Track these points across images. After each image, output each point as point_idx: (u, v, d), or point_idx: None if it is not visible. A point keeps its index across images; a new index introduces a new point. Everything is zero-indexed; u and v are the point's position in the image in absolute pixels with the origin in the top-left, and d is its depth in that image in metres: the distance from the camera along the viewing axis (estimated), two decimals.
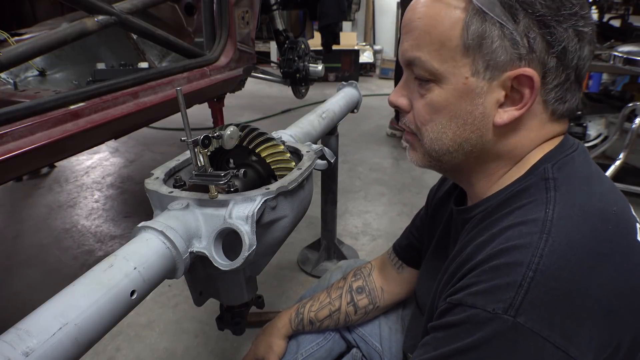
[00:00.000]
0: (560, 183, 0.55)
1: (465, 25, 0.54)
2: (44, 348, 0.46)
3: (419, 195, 2.53)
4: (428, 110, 0.60)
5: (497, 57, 0.55)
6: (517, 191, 0.59)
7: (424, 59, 0.58)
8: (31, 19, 2.24)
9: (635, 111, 2.27)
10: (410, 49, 0.59)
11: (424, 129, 0.62)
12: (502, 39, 0.54)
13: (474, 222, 0.62)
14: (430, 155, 0.63)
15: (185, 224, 0.65)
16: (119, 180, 2.74)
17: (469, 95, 0.57)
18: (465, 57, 0.56)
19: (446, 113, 0.59)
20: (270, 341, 0.98)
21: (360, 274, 1.00)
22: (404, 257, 0.96)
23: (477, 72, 0.56)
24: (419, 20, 0.57)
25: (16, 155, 0.95)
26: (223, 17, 1.76)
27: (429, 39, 0.57)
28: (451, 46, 0.56)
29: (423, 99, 0.60)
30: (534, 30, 0.54)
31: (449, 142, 0.61)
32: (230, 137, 0.73)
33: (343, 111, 1.44)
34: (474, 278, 0.52)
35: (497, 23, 0.54)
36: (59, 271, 1.89)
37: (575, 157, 0.60)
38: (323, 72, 2.44)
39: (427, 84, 0.59)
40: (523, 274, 0.48)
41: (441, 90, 0.58)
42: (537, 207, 0.54)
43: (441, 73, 0.57)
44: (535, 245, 0.49)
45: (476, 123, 0.58)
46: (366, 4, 5.76)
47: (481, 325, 0.49)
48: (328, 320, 0.97)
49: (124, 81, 1.29)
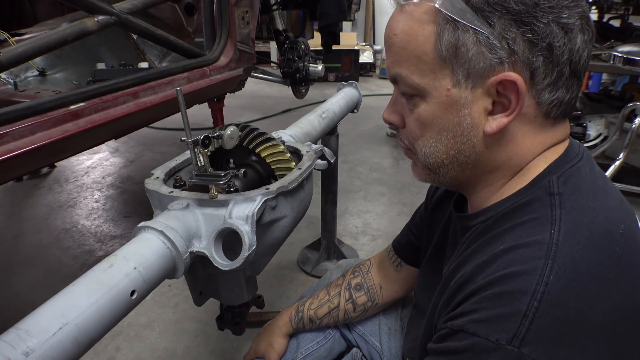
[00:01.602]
0: (565, 199, 0.53)
1: (437, 37, 0.53)
2: (44, 348, 0.46)
3: (419, 195, 2.53)
4: (417, 126, 0.60)
5: (475, 64, 0.52)
6: (520, 204, 0.56)
7: (404, 74, 0.57)
8: (31, 19, 2.24)
9: (635, 111, 2.27)
10: (392, 66, 0.59)
11: (416, 145, 0.62)
12: (478, 45, 0.52)
13: (475, 233, 0.60)
14: (428, 169, 0.63)
15: (185, 224, 0.65)
16: (119, 180, 2.75)
17: (454, 107, 0.56)
18: (443, 69, 0.54)
19: (434, 127, 0.58)
20: (271, 340, 0.98)
21: (359, 271, 1.00)
22: (402, 255, 0.96)
23: (459, 83, 0.54)
24: (395, 37, 0.57)
25: (16, 155, 0.95)
26: (223, 17, 1.76)
27: (406, 55, 0.56)
28: (427, 60, 0.55)
29: (412, 114, 0.60)
30: (512, 31, 0.51)
31: (442, 156, 0.60)
32: (230, 137, 0.73)
33: (343, 111, 1.44)
34: (475, 304, 0.50)
35: (470, 29, 0.51)
36: (59, 271, 1.89)
37: (581, 168, 0.57)
38: (323, 72, 2.44)
39: (413, 99, 0.58)
40: (528, 303, 0.46)
41: (427, 105, 0.57)
42: (541, 226, 0.52)
43: (423, 87, 0.56)
44: (540, 272, 0.48)
45: (466, 134, 0.57)
46: (366, 4, 5.76)
47: (483, 354, 0.48)
48: (327, 318, 0.97)
49: (124, 81, 1.29)
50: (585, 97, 3.15)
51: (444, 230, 0.78)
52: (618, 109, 2.56)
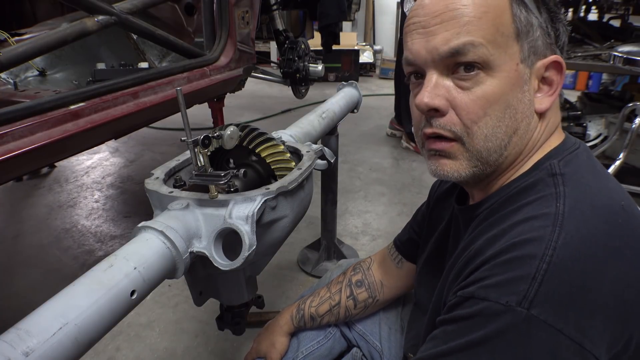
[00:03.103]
0: (568, 178, 0.56)
1: (513, 11, 0.57)
2: (44, 348, 0.46)
3: (419, 195, 2.53)
4: (481, 104, 0.57)
5: (538, 44, 0.58)
6: (524, 187, 0.58)
7: (477, 43, 0.55)
8: (31, 19, 2.24)
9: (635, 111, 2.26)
10: (456, 37, 0.56)
11: (475, 127, 0.58)
12: (540, 28, 0.58)
13: (480, 219, 0.61)
14: (480, 157, 0.59)
15: (185, 224, 0.65)
16: (119, 180, 2.74)
17: (519, 83, 0.57)
18: (514, 44, 0.57)
19: (501, 104, 0.57)
20: (272, 339, 0.98)
21: (360, 268, 1.00)
22: (403, 251, 0.96)
23: (524, 59, 0.57)
24: (465, 7, 0.56)
25: (16, 155, 0.95)
26: (223, 17, 1.76)
27: (482, 24, 0.55)
28: (505, 31, 0.56)
29: (470, 92, 0.57)
30: (549, 24, 0.59)
31: (503, 136, 0.58)
32: (230, 137, 0.74)
33: (343, 111, 1.44)
34: (486, 272, 0.51)
35: (533, 14, 0.57)
36: (59, 271, 1.89)
37: (579, 154, 0.60)
38: (323, 72, 2.44)
39: (476, 75, 0.56)
40: (537, 266, 0.48)
41: (493, 80, 0.56)
42: (548, 202, 0.54)
43: (494, 59, 0.56)
44: (549, 238, 0.49)
45: (525, 111, 0.59)
46: (366, 4, 5.76)
47: (494, 317, 0.48)
48: (328, 316, 0.97)
49: (124, 81, 1.29)
50: (585, 97, 3.15)
51: (446, 227, 0.78)
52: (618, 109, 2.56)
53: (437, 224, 0.82)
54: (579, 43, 2.89)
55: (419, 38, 0.59)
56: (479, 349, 0.49)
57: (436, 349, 0.54)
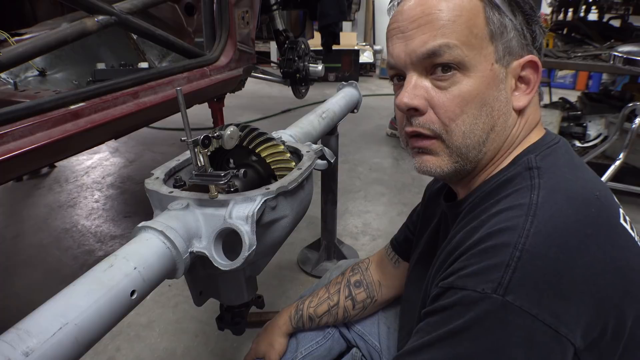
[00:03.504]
0: (543, 171, 0.58)
1: (486, 14, 0.59)
2: (44, 348, 0.46)
3: (419, 195, 2.51)
4: (458, 103, 0.59)
5: (512, 44, 0.60)
6: (503, 181, 0.60)
7: (452, 45, 0.58)
8: (31, 19, 2.24)
9: (635, 111, 2.26)
10: (432, 39, 0.59)
11: (453, 125, 0.60)
12: (514, 30, 0.60)
13: (463, 214, 0.64)
14: (459, 153, 0.62)
15: (185, 224, 0.65)
16: (119, 180, 2.75)
17: (495, 82, 0.60)
18: (489, 45, 0.59)
19: (477, 102, 0.59)
20: (271, 339, 0.98)
21: (358, 268, 1.00)
22: (400, 251, 0.96)
23: (499, 59, 0.60)
24: (440, 12, 0.59)
25: (16, 155, 0.95)
26: (223, 17, 1.76)
27: (456, 27, 0.58)
28: (478, 33, 0.58)
29: (447, 92, 0.60)
30: (525, 26, 0.61)
31: (480, 133, 0.61)
32: (230, 137, 0.73)
33: (343, 111, 1.44)
34: (464, 262, 0.53)
35: (506, 16, 0.60)
36: (59, 271, 1.89)
37: (558, 149, 0.62)
38: (323, 72, 2.44)
39: (453, 75, 0.59)
40: (510, 254, 0.49)
41: (469, 80, 0.59)
42: (523, 193, 0.55)
43: (469, 60, 0.58)
44: (522, 226, 0.51)
45: (502, 108, 0.61)
46: (366, 4, 5.76)
47: (472, 305, 0.49)
48: (327, 316, 0.97)
49: (124, 81, 1.29)
50: (585, 97, 3.15)
51: (437, 224, 0.79)
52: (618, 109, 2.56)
53: (429, 221, 0.83)
54: (579, 43, 2.89)
55: (398, 42, 0.62)
56: (460, 337, 0.50)
57: (420, 341, 0.55)
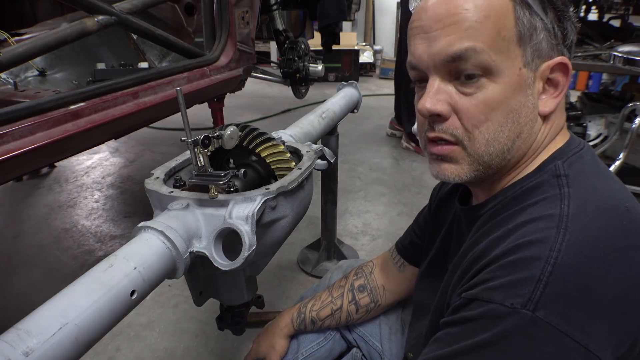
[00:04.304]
0: (572, 180, 0.56)
1: (516, 15, 0.55)
2: (44, 348, 0.46)
3: (419, 195, 2.53)
4: (482, 110, 0.57)
5: (542, 47, 0.57)
6: (529, 188, 0.58)
7: (479, 49, 0.55)
8: (31, 19, 2.24)
9: (635, 111, 2.26)
10: (459, 41, 0.55)
11: (477, 132, 0.58)
12: (544, 30, 0.57)
13: (484, 219, 0.62)
14: (481, 161, 0.59)
15: (185, 224, 0.65)
16: (119, 180, 2.74)
17: (522, 87, 0.57)
18: (517, 48, 0.56)
19: (503, 109, 0.57)
20: (272, 341, 0.98)
21: (362, 272, 1.00)
22: (406, 255, 0.96)
23: (528, 63, 0.57)
24: (466, 11, 0.55)
25: (16, 155, 0.95)
26: (223, 17, 1.76)
27: (483, 29, 0.55)
28: (507, 36, 0.55)
29: (472, 98, 0.57)
30: (556, 24, 0.58)
31: (505, 141, 0.58)
32: (230, 137, 0.73)
33: (343, 111, 1.44)
34: (490, 273, 0.51)
35: (537, 15, 0.56)
36: (59, 271, 1.89)
37: (584, 155, 0.60)
38: (323, 72, 2.44)
39: (477, 80, 0.56)
40: (542, 268, 0.47)
41: (495, 85, 0.56)
42: (552, 203, 0.54)
43: (497, 65, 0.55)
44: (553, 239, 0.49)
45: (529, 114, 0.58)
46: (366, 4, 5.76)
47: (499, 320, 0.48)
48: (330, 320, 0.97)
49: (124, 81, 1.29)
50: (585, 97, 3.15)
51: (449, 228, 0.78)
52: (618, 109, 2.56)
53: (440, 226, 0.81)
54: (579, 43, 2.89)
55: (421, 43, 0.59)
56: (484, 351, 0.49)
57: (440, 351, 0.53)
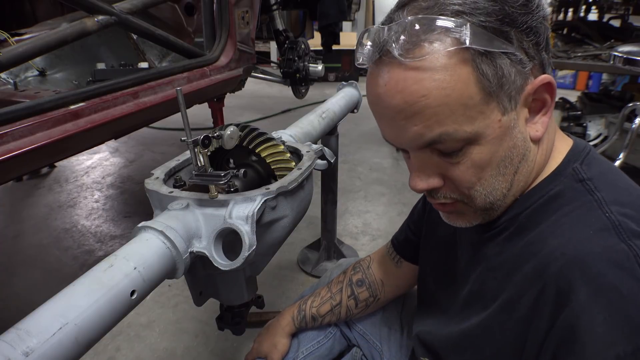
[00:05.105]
0: (597, 183, 0.55)
1: (478, 76, 0.50)
2: (44, 348, 0.46)
3: (419, 195, 2.52)
4: (473, 173, 0.56)
5: (516, 85, 0.53)
6: (552, 196, 0.56)
7: (451, 130, 0.52)
8: (31, 19, 2.24)
9: (635, 111, 2.27)
10: (428, 130, 0.53)
11: (472, 191, 0.58)
12: (513, 66, 0.52)
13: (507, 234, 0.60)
14: (485, 209, 0.60)
15: (185, 224, 0.65)
16: (119, 180, 2.74)
17: (507, 134, 0.54)
18: (490, 104, 0.52)
19: (494, 163, 0.56)
20: (274, 340, 0.98)
21: (360, 267, 1.00)
22: (401, 251, 0.95)
23: (506, 109, 0.53)
24: (424, 98, 0.51)
25: (16, 155, 0.95)
26: (223, 17, 1.76)
27: (448, 111, 0.51)
28: (474, 103, 0.51)
29: (460, 165, 0.56)
30: (525, 40, 0.52)
31: (503, 186, 0.57)
32: (230, 137, 0.73)
33: (343, 111, 1.44)
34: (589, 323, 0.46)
35: (502, 54, 0.51)
36: (59, 271, 1.89)
37: (593, 155, 0.60)
38: (323, 72, 2.44)
39: (459, 151, 0.55)
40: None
41: (481, 147, 0.54)
42: (591, 211, 0.52)
43: (475, 132, 0.53)
44: (627, 255, 0.47)
45: (521, 151, 0.56)
46: (366, 4, 5.76)
47: None
48: (330, 315, 0.97)
49: (124, 81, 1.29)
50: (585, 97, 3.15)
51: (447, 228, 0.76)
52: (618, 109, 2.56)
53: (436, 225, 0.81)
54: (579, 43, 2.89)
55: (389, 129, 0.57)
56: None
57: None
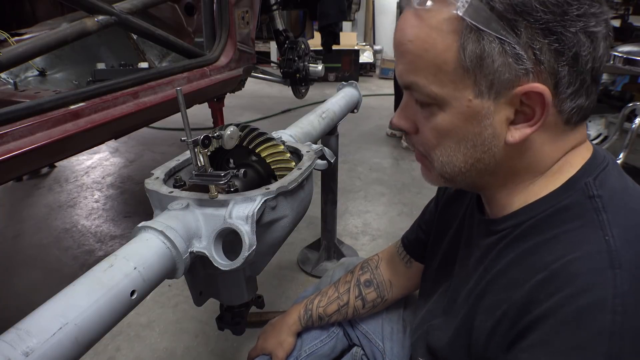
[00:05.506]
0: (606, 202, 0.52)
1: (460, 47, 0.49)
2: (44, 348, 0.46)
3: (419, 195, 2.53)
4: (434, 135, 0.57)
5: (500, 75, 0.50)
6: (558, 209, 0.54)
7: (421, 84, 0.54)
8: (31, 19, 2.24)
9: (635, 111, 2.27)
10: (406, 73, 0.55)
11: (433, 153, 0.59)
12: (504, 56, 0.49)
13: (508, 239, 0.58)
14: (444, 176, 0.60)
15: (185, 224, 0.65)
16: (119, 180, 2.74)
17: (475, 118, 0.53)
18: (465, 79, 0.51)
19: (453, 136, 0.55)
20: (280, 338, 0.98)
21: (368, 266, 0.99)
22: (411, 251, 0.94)
23: (481, 93, 0.51)
24: (410, 43, 0.52)
25: (16, 155, 0.95)
26: (223, 17, 1.76)
27: (423, 64, 0.52)
28: (448, 70, 0.51)
29: (427, 122, 0.57)
30: (539, 41, 0.48)
31: (461, 164, 0.57)
32: (230, 137, 0.73)
33: (343, 111, 1.44)
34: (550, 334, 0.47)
35: (496, 39, 0.48)
36: (59, 271, 1.89)
37: (611, 171, 0.56)
38: (323, 72, 2.44)
39: (430, 107, 0.55)
40: (611, 320, 0.44)
41: (445, 115, 0.54)
42: (592, 232, 0.50)
43: (442, 97, 0.53)
44: (612, 284, 0.45)
45: (487, 144, 0.55)
46: (366, 4, 5.76)
47: None
48: (336, 315, 0.97)
49: (124, 81, 1.29)
50: None
51: (457, 231, 0.76)
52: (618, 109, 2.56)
53: (446, 228, 0.80)
54: None
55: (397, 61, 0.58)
56: None
57: None
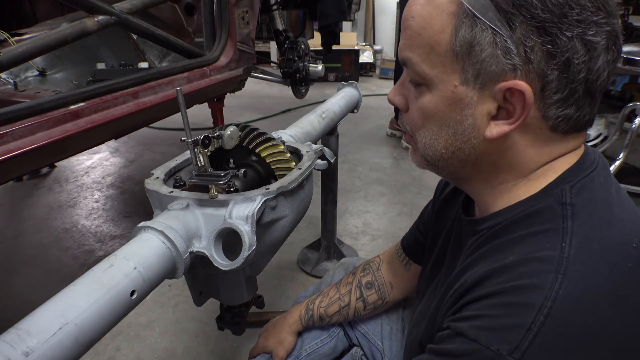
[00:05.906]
0: (578, 210, 0.51)
1: (454, 29, 0.50)
2: (44, 348, 0.46)
3: (419, 195, 2.53)
4: (420, 115, 0.58)
5: (487, 66, 0.50)
6: (531, 212, 0.54)
7: (414, 60, 0.55)
8: (31, 19, 2.24)
9: (635, 111, 2.27)
10: (404, 49, 0.57)
11: (417, 134, 0.61)
12: (494, 47, 0.49)
13: (482, 238, 0.59)
14: (426, 159, 0.62)
15: (185, 224, 0.65)
16: (119, 180, 2.74)
17: (458, 104, 0.54)
18: (454, 64, 0.52)
19: (436, 120, 0.57)
20: (281, 337, 0.99)
21: (369, 268, 1.00)
22: (410, 253, 0.95)
23: (467, 81, 0.52)
24: (412, 19, 0.54)
25: (16, 155, 0.95)
26: (223, 17, 1.76)
27: (419, 41, 0.54)
28: (440, 51, 0.52)
29: (416, 102, 0.58)
30: (532, 39, 0.48)
31: (442, 150, 0.58)
32: (230, 137, 0.74)
33: (343, 111, 1.44)
34: (481, 310, 0.50)
35: (489, 29, 0.48)
36: (59, 271, 1.89)
37: (595, 178, 0.55)
38: (323, 72, 2.44)
39: (420, 87, 0.57)
40: (534, 317, 0.45)
41: (431, 96, 0.56)
42: (553, 238, 0.50)
43: (430, 78, 0.55)
44: (549, 287, 0.46)
45: (466, 134, 0.55)
46: (366, 4, 5.76)
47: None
48: (337, 316, 0.97)
49: (124, 81, 1.29)
50: None
51: (449, 232, 0.77)
52: (618, 109, 2.56)
53: (441, 229, 0.80)
54: None
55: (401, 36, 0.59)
56: None
57: None
